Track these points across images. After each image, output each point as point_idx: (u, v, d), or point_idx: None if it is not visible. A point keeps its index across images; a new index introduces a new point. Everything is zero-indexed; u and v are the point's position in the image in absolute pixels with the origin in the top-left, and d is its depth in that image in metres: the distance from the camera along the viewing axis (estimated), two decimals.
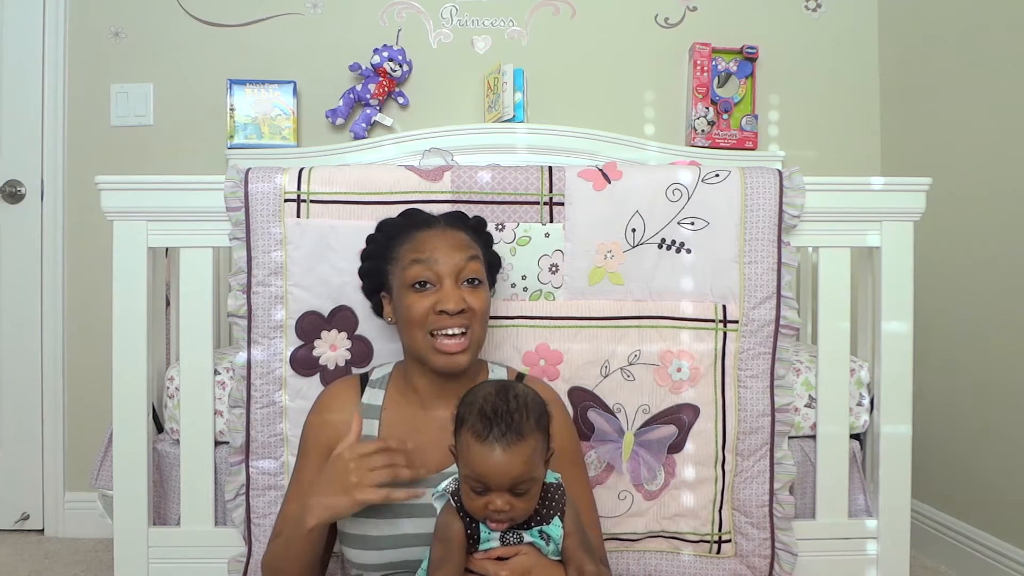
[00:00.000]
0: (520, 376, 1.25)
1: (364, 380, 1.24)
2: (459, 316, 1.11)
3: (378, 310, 1.25)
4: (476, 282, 1.15)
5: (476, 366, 1.23)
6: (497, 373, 1.25)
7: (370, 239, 1.25)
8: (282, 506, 1.20)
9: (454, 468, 1.12)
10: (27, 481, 2.26)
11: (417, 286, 1.12)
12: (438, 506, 1.03)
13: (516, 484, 0.94)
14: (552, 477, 1.03)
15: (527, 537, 0.98)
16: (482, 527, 0.98)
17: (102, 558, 2.06)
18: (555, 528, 1.00)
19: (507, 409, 0.96)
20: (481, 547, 0.98)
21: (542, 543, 0.99)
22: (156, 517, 1.40)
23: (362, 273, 1.25)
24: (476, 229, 1.25)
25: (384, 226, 1.24)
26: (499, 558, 0.97)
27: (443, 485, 1.03)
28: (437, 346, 1.11)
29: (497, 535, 0.98)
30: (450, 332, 1.11)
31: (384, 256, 1.20)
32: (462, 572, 0.97)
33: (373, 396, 1.21)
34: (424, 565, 1.04)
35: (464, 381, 1.18)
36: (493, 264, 1.27)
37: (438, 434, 1.15)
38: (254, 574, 1.32)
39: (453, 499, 1.00)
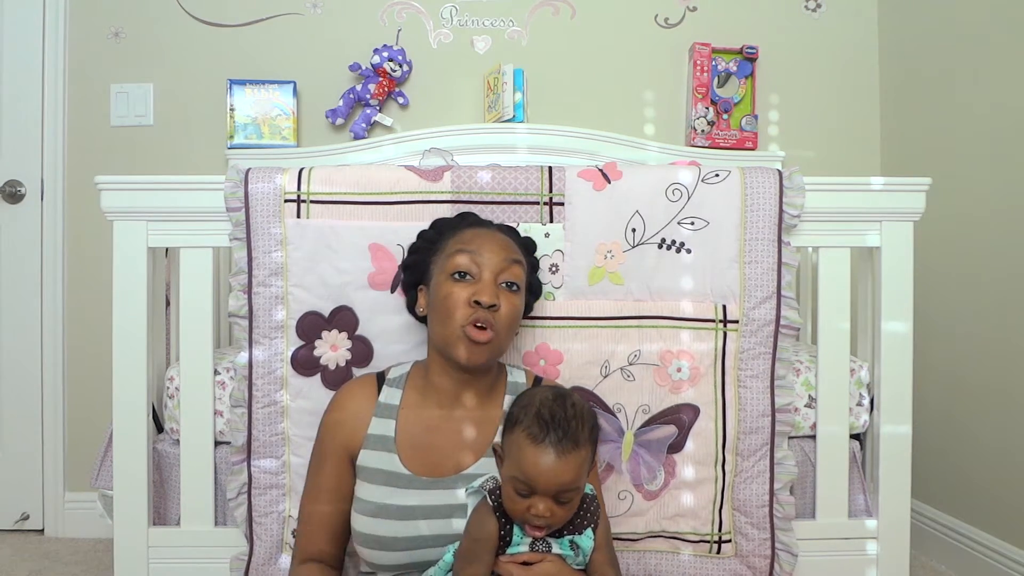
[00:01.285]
0: (537, 380, 1.25)
1: (381, 379, 1.23)
2: (488, 313, 1.11)
3: (411, 305, 1.26)
4: (515, 287, 1.15)
5: (496, 367, 1.23)
6: (515, 375, 1.24)
7: (421, 234, 1.26)
8: (301, 504, 1.21)
9: (471, 471, 1.12)
10: (27, 481, 2.25)
11: (457, 276, 1.13)
12: (471, 502, 1.02)
13: (562, 491, 0.94)
14: (588, 489, 1.03)
15: (556, 547, 0.98)
16: (516, 530, 0.98)
17: (102, 558, 2.06)
18: (586, 539, 1.00)
19: (564, 416, 0.95)
20: (510, 550, 0.98)
21: (571, 553, 0.99)
22: (156, 517, 1.40)
23: (407, 265, 1.26)
24: (526, 247, 1.26)
25: (438, 224, 1.26)
26: (524, 564, 0.97)
27: (479, 482, 1.02)
28: (468, 332, 1.10)
29: (527, 539, 0.97)
30: (478, 325, 1.11)
31: (431, 249, 1.22)
32: (490, 572, 0.97)
33: (391, 395, 1.20)
34: (446, 558, 1.04)
35: (483, 382, 1.18)
36: (534, 290, 1.28)
37: (455, 435, 1.16)
38: (256, 572, 1.32)
39: (491, 497, 1.00)
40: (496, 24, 2.37)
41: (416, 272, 1.24)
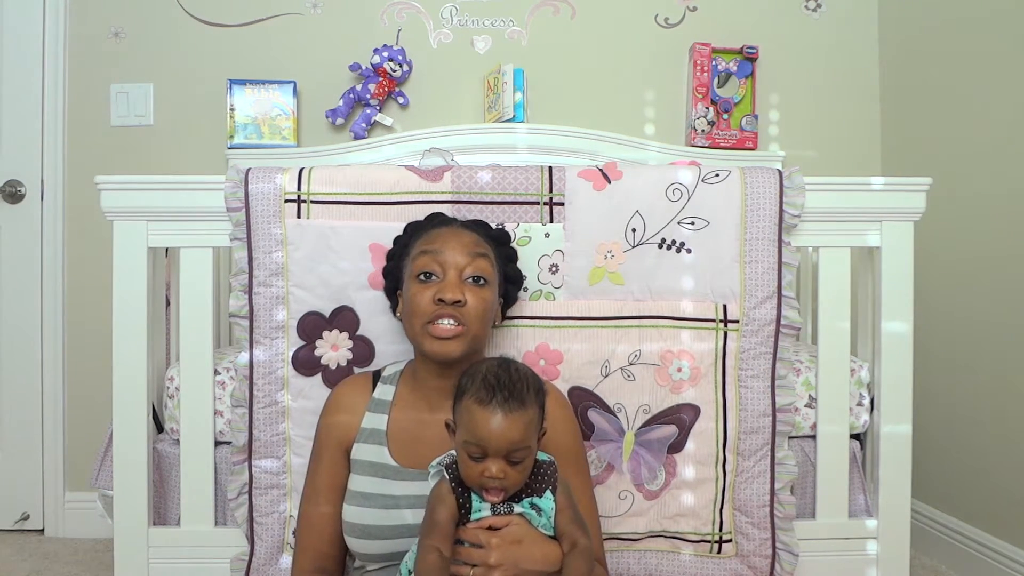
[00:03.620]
0: None
1: (377, 376, 1.25)
2: (454, 309, 1.12)
3: (395, 308, 1.27)
4: (481, 281, 1.16)
5: None
6: None
7: (395, 240, 1.27)
8: (300, 506, 1.21)
9: None
10: (27, 481, 2.25)
11: (422, 277, 1.14)
12: (433, 482, 1.04)
13: (513, 450, 0.97)
14: (544, 456, 1.06)
15: (518, 508, 1.01)
16: (474, 498, 1.00)
17: (102, 558, 2.06)
18: (547, 501, 1.02)
19: (510, 379, 1.00)
20: (473, 517, 1.00)
21: (533, 514, 1.01)
22: (156, 517, 1.40)
23: (384, 273, 1.27)
24: (497, 240, 1.26)
25: (408, 227, 1.27)
26: (490, 528, 1.00)
27: (438, 459, 1.05)
28: (431, 330, 1.12)
29: (488, 506, 1.00)
30: (446, 322, 1.12)
31: (403, 254, 1.23)
32: (451, 542, 0.99)
33: (384, 392, 1.22)
34: (413, 548, 1.05)
35: None
36: (513, 279, 1.28)
37: (442, 430, 1.16)
38: (256, 573, 1.32)
39: (447, 472, 1.02)
40: (496, 24, 2.37)
41: (394, 278, 1.25)
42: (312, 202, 1.32)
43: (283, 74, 2.30)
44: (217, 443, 1.38)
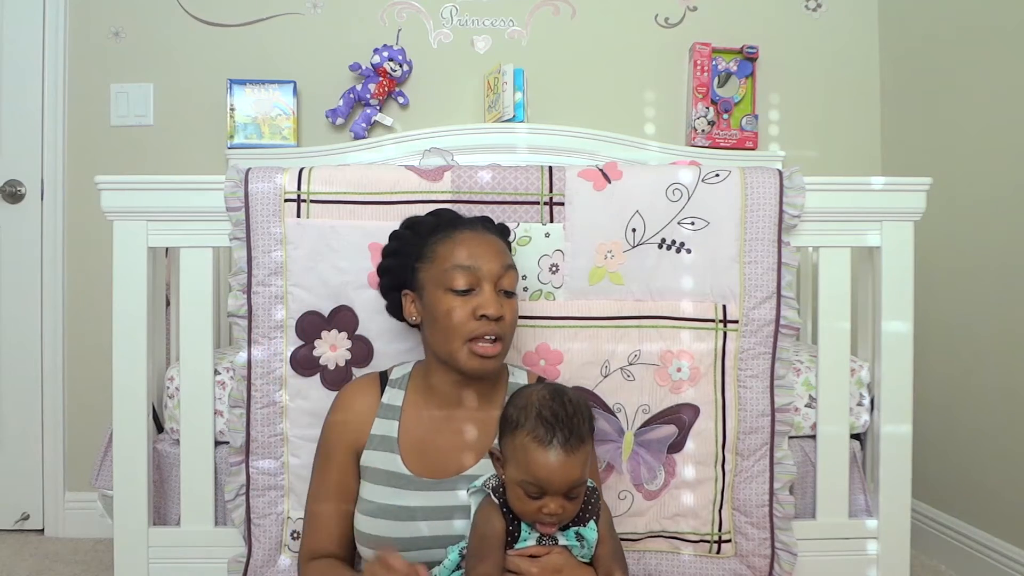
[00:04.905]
0: (539, 380, 1.24)
1: (383, 379, 1.23)
2: (495, 323, 1.10)
3: (394, 308, 1.24)
4: (510, 295, 1.16)
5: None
6: (517, 376, 1.24)
7: (396, 235, 1.24)
8: (307, 506, 1.21)
9: (472, 471, 1.13)
10: (27, 481, 2.25)
11: (459, 291, 1.12)
12: (474, 501, 1.03)
13: (572, 488, 0.95)
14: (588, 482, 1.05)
15: (562, 540, 1.00)
16: (524, 527, 0.99)
17: (102, 558, 2.06)
18: (591, 531, 1.01)
19: (566, 414, 0.96)
20: (518, 546, 0.99)
21: (576, 544, 1.01)
22: (156, 517, 1.40)
23: (384, 269, 1.24)
24: (503, 234, 1.26)
25: (415, 224, 1.24)
26: (531, 556, 0.99)
27: (481, 481, 1.04)
28: (475, 349, 1.10)
29: (535, 534, 0.99)
30: (487, 338, 1.10)
31: (415, 254, 1.19)
32: (503, 568, 0.98)
33: (393, 396, 1.21)
34: (451, 557, 1.05)
35: (484, 383, 1.18)
36: None
37: (457, 436, 1.16)
38: (254, 574, 1.32)
39: (495, 495, 1.00)
40: (496, 24, 2.37)
41: (396, 276, 1.22)
42: (312, 201, 1.33)
43: (283, 74, 2.30)
44: (217, 443, 1.38)
